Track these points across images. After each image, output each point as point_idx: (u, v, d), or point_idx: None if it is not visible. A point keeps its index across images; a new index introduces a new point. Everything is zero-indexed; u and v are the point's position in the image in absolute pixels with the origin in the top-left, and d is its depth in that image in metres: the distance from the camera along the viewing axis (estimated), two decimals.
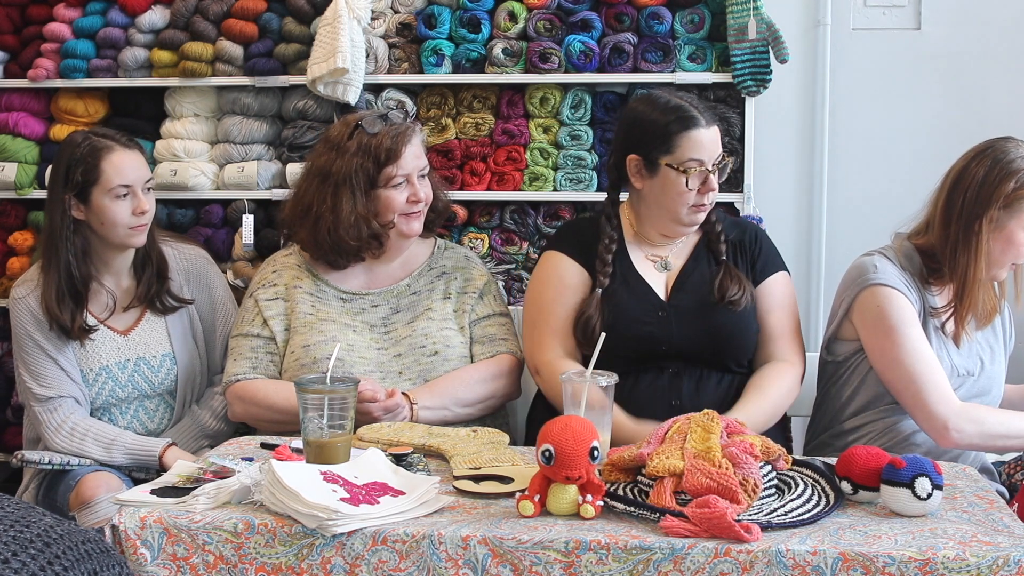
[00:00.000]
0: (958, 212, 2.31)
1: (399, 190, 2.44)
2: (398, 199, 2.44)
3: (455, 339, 2.46)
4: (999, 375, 2.45)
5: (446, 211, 2.66)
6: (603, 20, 3.37)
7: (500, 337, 2.50)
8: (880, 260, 2.37)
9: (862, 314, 2.36)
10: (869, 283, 2.34)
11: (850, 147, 3.57)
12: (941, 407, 2.25)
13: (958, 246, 2.31)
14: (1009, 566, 1.53)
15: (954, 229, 2.31)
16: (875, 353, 2.34)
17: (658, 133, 2.31)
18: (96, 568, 1.08)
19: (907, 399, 2.31)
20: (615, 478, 1.81)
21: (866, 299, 2.34)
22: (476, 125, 3.44)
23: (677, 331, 2.33)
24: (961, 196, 2.31)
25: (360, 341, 2.42)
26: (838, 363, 2.45)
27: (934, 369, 2.28)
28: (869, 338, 2.35)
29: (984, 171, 2.30)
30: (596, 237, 2.42)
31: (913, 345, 2.29)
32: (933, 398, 2.26)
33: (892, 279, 2.33)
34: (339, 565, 1.65)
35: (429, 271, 2.55)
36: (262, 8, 3.49)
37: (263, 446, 2.13)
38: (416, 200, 2.45)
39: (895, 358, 2.30)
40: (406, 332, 2.45)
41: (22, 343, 2.54)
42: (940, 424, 2.25)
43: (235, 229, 3.55)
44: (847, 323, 2.41)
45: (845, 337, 2.43)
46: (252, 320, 2.48)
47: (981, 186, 2.29)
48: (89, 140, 2.53)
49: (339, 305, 2.47)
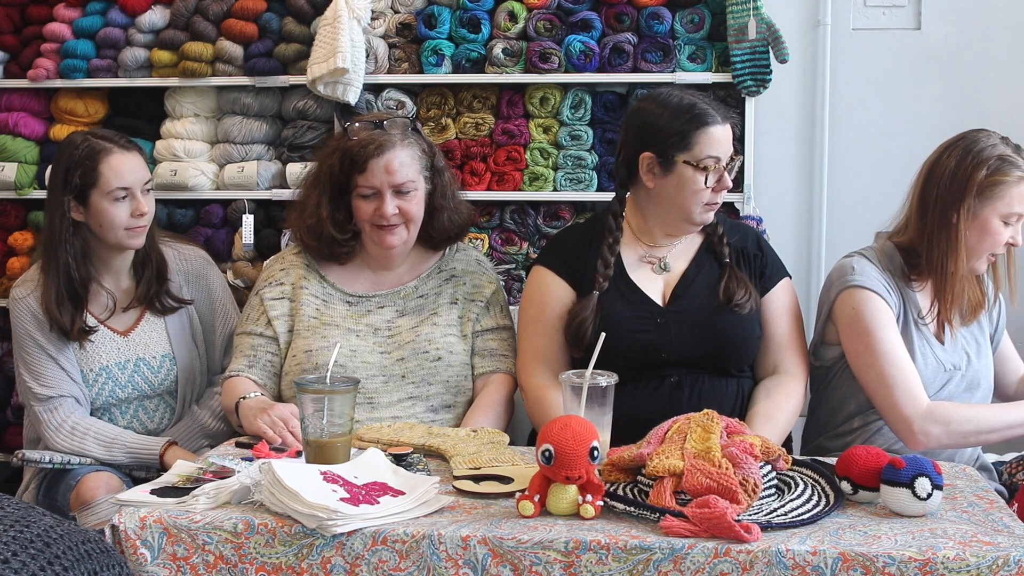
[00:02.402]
0: (933, 204, 2.31)
1: (368, 201, 2.38)
2: (365, 209, 2.38)
3: (457, 346, 2.45)
4: (987, 368, 2.44)
5: (454, 232, 2.53)
6: (603, 20, 3.37)
7: (500, 353, 2.48)
8: (859, 261, 2.37)
9: (841, 316, 2.36)
10: (847, 285, 2.34)
11: (850, 147, 3.57)
12: (907, 410, 2.25)
13: (934, 238, 2.31)
14: (1009, 566, 1.53)
15: (930, 221, 2.31)
16: (851, 355, 2.35)
17: (675, 130, 2.30)
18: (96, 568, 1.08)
19: (877, 401, 2.31)
20: (615, 478, 1.81)
21: (844, 301, 2.35)
22: (476, 125, 3.44)
23: (677, 337, 2.32)
24: (935, 188, 2.31)
25: (363, 346, 2.40)
26: (826, 368, 2.45)
27: (904, 372, 2.28)
28: (846, 340, 2.36)
29: (956, 161, 2.30)
30: (585, 246, 2.41)
31: (885, 348, 2.28)
32: (900, 400, 2.26)
33: (870, 280, 2.33)
34: (339, 565, 1.65)
35: (439, 273, 2.52)
36: (262, 8, 3.50)
37: (237, 444, 2.13)
38: (382, 215, 2.36)
39: (867, 360, 2.30)
40: (410, 336, 2.43)
41: (22, 343, 2.54)
42: (906, 427, 2.26)
43: (235, 229, 3.55)
44: (830, 326, 2.41)
45: (830, 341, 2.43)
46: (256, 319, 2.47)
47: (954, 176, 2.29)
48: (88, 142, 2.52)
49: (344, 308, 2.45)
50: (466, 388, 2.44)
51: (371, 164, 2.34)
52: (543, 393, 2.33)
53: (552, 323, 2.37)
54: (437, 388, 2.40)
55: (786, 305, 2.43)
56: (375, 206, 2.37)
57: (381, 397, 2.37)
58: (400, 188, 2.37)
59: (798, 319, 2.45)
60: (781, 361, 2.39)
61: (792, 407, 2.33)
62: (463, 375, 2.44)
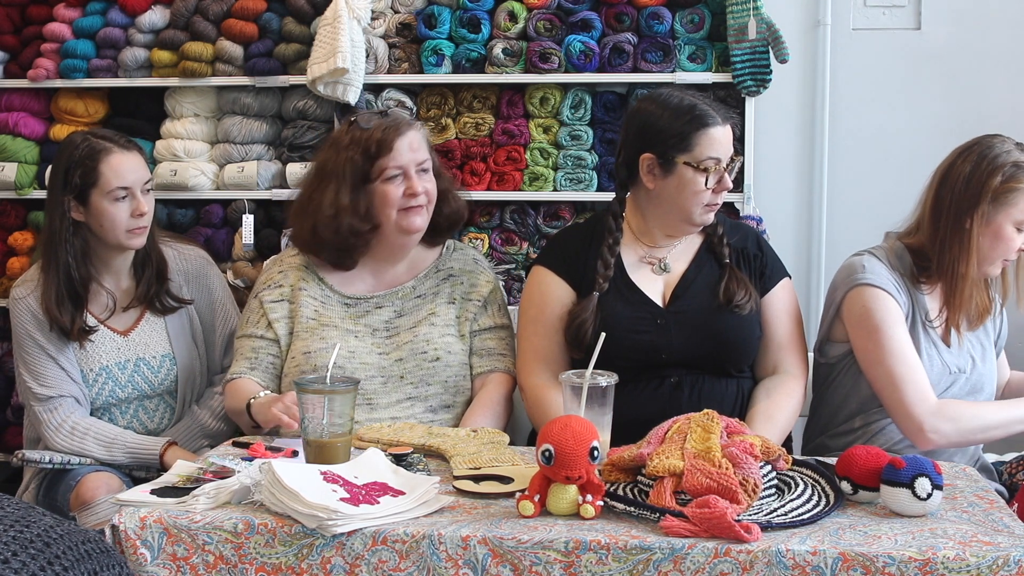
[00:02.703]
0: (946, 209, 2.31)
1: (394, 184, 2.38)
2: (394, 193, 2.38)
3: (456, 346, 2.44)
4: (991, 372, 2.44)
5: (458, 218, 2.55)
6: (603, 20, 3.37)
7: (499, 352, 2.48)
8: (869, 260, 2.37)
9: (850, 314, 2.36)
10: (857, 283, 2.34)
11: (850, 147, 3.58)
12: (917, 408, 2.25)
13: (947, 242, 2.31)
14: (1009, 566, 1.53)
15: (943, 226, 2.31)
16: (860, 353, 2.35)
17: (675, 131, 2.29)
18: (96, 568, 1.08)
19: (886, 399, 2.31)
20: (615, 478, 1.81)
21: (853, 299, 2.35)
22: (476, 125, 3.44)
23: (677, 338, 2.32)
24: (949, 193, 2.31)
25: (362, 347, 2.40)
26: (830, 365, 2.45)
27: (914, 370, 2.28)
28: (856, 338, 2.36)
29: (971, 167, 2.30)
30: (585, 246, 2.41)
31: (895, 346, 2.29)
32: (910, 399, 2.26)
33: (880, 279, 2.33)
34: (339, 565, 1.65)
35: (436, 272, 2.52)
36: (262, 8, 3.50)
37: (235, 444, 2.13)
38: (413, 193, 2.38)
39: (876, 358, 2.30)
40: (408, 337, 2.43)
41: (22, 343, 2.54)
42: (916, 425, 2.26)
43: (235, 229, 3.55)
44: (838, 323, 2.41)
45: (836, 339, 2.43)
46: (257, 322, 2.46)
47: (968, 182, 2.29)
48: (88, 142, 2.52)
49: (342, 310, 2.45)
50: (464, 388, 2.44)
51: (397, 143, 2.36)
52: (543, 393, 2.33)
53: (552, 323, 2.37)
54: (436, 388, 2.40)
55: (786, 305, 2.43)
56: (404, 187, 2.38)
57: (380, 398, 2.37)
58: (422, 165, 2.41)
59: (798, 319, 2.45)
60: (781, 361, 2.39)
61: (792, 407, 2.33)
62: (462, 375, 2.44)
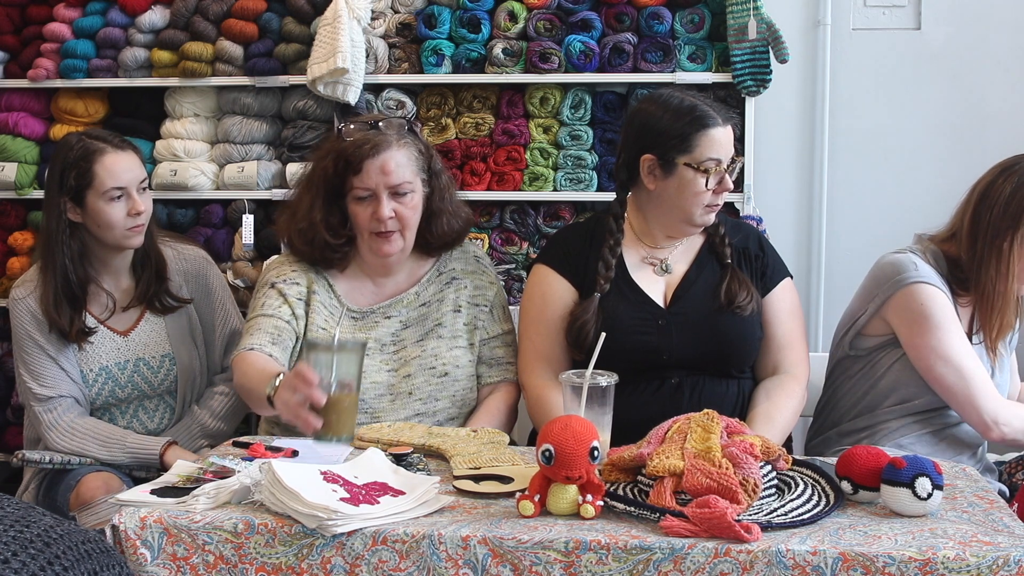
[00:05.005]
0: (985, 228, 2.31)
1: (363, 205, 2.29)
2: (362, 214, 2.30)
3: (463, 359, 2.41)
4: (1006, 383, 2.46)
5: (451, 239, 2.45)
6: (603, 20, 3.37)
7: (507, 361, 2.46)
8: (917, 259, 2.37)
9: (901, 312, 2.34)
10: (911, 280, 2.33)
11: (850, 147, 3.58)
12: (991, 403, 2.30)
13: (983, 262, 2.31)
14: (1009, 566, 1.53)
15: (980, 245, 2.31)
16: (919, 351, 2.33)
17: (675, 132, 2.28)
18: (96, 568, 1.08)
19: (956, 395, 2.32)
20: (615, 478, 1.81)
21: (907, 296, 2.33)
22: (476, 125, 3.44)
23: (678, 339, 2.32)
24: (988, 212, 2.31)
25: (370, 364, 2.34)
26: (857, 358, 2.45)
27: (979, 365, 2.32)
28: (911, 336, 2.34)
29: (1012, 187, 2.29)
30: (586, 244, 2.40)
31: (958, 343, 2.31)
32: (983, 393, 2.30)
33: (932, 278, 2.33)
34: (339, 565, 1.65)
35: (438, 276, 2.46)
36: (262, 8, 3.50)
37: (235, 444, 2.13)
38: (379, 219, 2.28)
39: (943, 355, 2.30)
40: (416, 352, 2.38)
41: (22, 343, 2.54)
42: (990, 419, 2.29)
43: (235, 229, 3.55)
44: (877, 320, 2.39)
45: (871, 333, 2.42)
46: (279, 307, 2.34)
47: (1008, 203, 2.29)
48: (82, 143, 2.52)
49: (349, 324, 2.39)
50: (471, 400, 2.42)
51: (366, 165, 2.27)
52: (543, 393, 2.32)
53: (553, 322, 2.37)
54: (444, 403, 2.38)
55: (787, 305, 2.43)
56: (371, 210, 2.30)
57: (388, 416, 2.33)
58: (396, 189, 2.30)
59: (799, 319, 2.45)
60: (782, 361, 2.39)
61: (792, 408, 2.33)
62: (468, 387, 2.41)
